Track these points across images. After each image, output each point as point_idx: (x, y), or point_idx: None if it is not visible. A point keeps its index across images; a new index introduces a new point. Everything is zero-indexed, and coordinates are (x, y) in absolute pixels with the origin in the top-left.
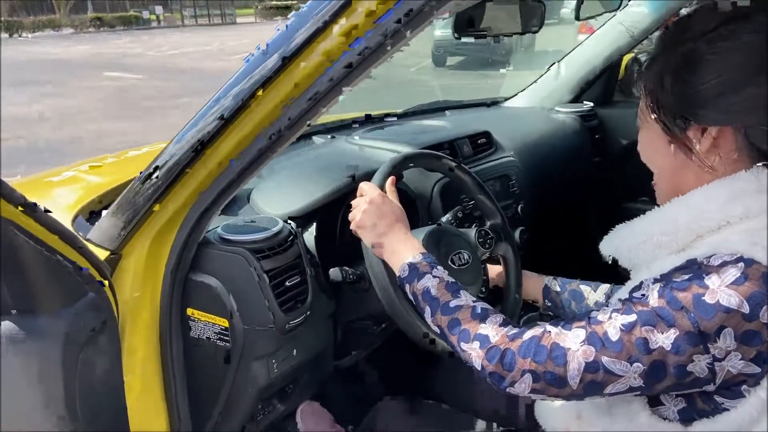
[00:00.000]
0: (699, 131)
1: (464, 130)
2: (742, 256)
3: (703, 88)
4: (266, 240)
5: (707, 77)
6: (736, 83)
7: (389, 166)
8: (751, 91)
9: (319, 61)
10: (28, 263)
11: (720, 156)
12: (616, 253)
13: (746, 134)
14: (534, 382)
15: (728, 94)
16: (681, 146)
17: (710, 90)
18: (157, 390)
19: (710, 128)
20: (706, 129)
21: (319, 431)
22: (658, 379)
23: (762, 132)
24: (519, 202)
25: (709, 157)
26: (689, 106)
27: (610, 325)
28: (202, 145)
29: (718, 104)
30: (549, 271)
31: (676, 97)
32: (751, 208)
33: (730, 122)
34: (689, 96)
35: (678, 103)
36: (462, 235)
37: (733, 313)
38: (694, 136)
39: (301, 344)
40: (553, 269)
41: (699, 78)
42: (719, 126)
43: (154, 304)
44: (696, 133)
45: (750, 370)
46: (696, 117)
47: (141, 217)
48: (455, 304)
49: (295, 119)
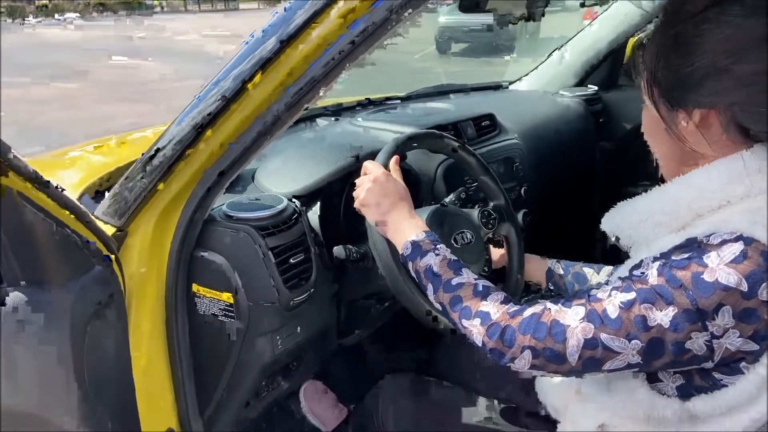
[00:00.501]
0: (687, 114)
1: (468, 113)
2: (742, 235)
3: (689, 71)
4: (271, 217)
5: (692, 60)
6: (720, 66)
7: (393, 145)
8: (736, 72)
9: (317, 43)
10: (37, 236)
11: (706, 138)
12: (617, 230)
13: (734, 115)
14: (534, 358)
15: (712, 77)
16: (672, 127)
17: (695, 73)
18: (162, 365)
19: (696, 111)
20: (693, 110)
21: (321, 410)
22: (657, 356)
23: (747, 112)
24: (522, 185)
25: (698, 139)
26: (676, 89)
27: (610, 302)
28: (203, 126)
29: (703, 87)
30: (551, 254)
31: (666, 80)
32: (752, 188)
33: (714, 104)
34: (677, 79)
35: (667, 86)
36: (465, 215)
37: (731, 291)
38: (683, 118)
39: (305, 321)
40: (556, 252)
41: (685, 60)
42: (705, 108)
43: (160, 281)
44: (684, 115)
45: (748, 347)
46: (682, 100)
47: (146, 195)
48: (457, 281)
49: (293, 101)
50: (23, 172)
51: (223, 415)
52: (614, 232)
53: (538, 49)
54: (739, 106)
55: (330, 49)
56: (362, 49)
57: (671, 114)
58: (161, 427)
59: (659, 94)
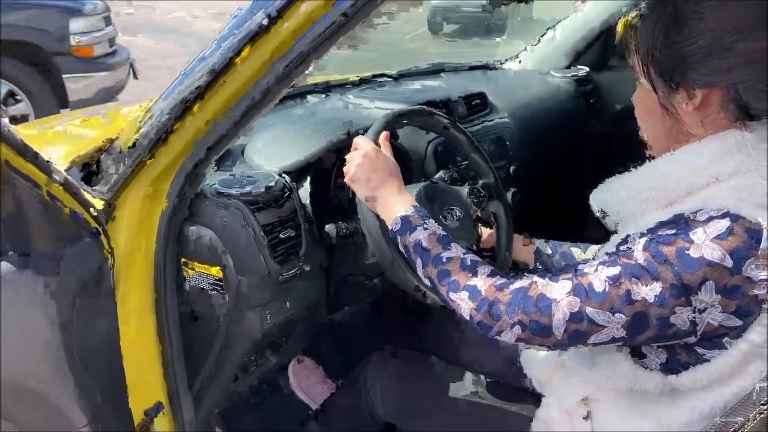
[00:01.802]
0: (687, 92)
1: (459, 91)
2: (729, 211)
3: (691, 49)
4: (261, 193)
5: (695, 37)
6: (723, 40)
7: (384, 121)
8: (739, 48)
9: (305, 17)
10: (25, 207)
11: (705, 116)
12: (605, 206)
13: (736, 93)
14: (521, 331)
15: (716, 54)
16: (669, 107)
17: (698, 50)
18: (151, 338)
19: (697, 90)
20: (695, 89)
21: (310, 385)
22: (640, 330)
23: (751, 90)
24: (512, 164)
25: (695, 117)
26: (678, 67)
27: (596, 277)
28: (191, 101)
29: (706, 64)
30: (540, 233)
31: (666, 58)
32: (741, 165)
33: (718, 83)
34: (678, 56)
35: (667, 63)
36: (455, 192)
37: (716, 267)
38: (682, 98)
39: (294, 296)
40: (545, 231)
41: (687, 37)
42: (707, 88)
43: (148, 254)
44: (684, 94)
45: (731, 323)
46: (684, 76)
47: (135, 169)
48: (446, 255)
49: (283, 75)
50: (12, 142)
51: (211, 388)
52: (602, 207)
53: (529, 31)
54: (743, 85)
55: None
56: (352, 23)
57: (669, 93)
58: (150, 400)
59: (657, 73)
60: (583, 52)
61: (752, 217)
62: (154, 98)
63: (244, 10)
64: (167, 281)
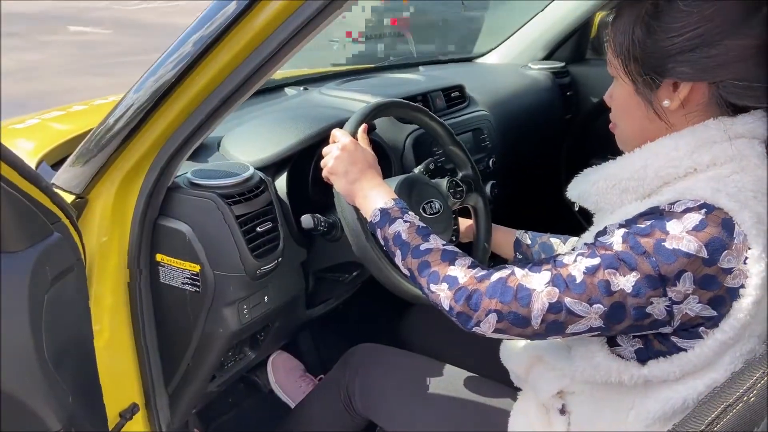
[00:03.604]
0: (671, 87)
1: (438, 84)
2: (705, 203)
3: (675, 45)
4: (237, 185)
5: (679, 33)
6: (711, 37)
7: (362, 113)
8: (727, 45)
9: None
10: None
11: (687, 111)
12: (582, 197)
13: (719, 89)
14: (498, 321)
15: (703, 48)
16: (650, 103)
17: (684, 43)
18: (125, 338)
19: (683, 84)
20: (678, 85)
21: (289, 382)
22: (618, 320)
23: (736, 87)
24: (491, 156)
25: (677, 112)
26: (661, 61)
27: (575, 267)
28: (164, 92)
29: (692, 58)
30: (519, 224)
31: (647, 52)
32: (718, 156)
33: (703, 78)
34: (661, 52)
35: (649, 58)
36: (434, 184)
37: (692, 258)
38: (664, 94)
39: (272, 291)
40: (523, 222)
41: (671, 33)
42: (692, 82)
43: (122, 250)
44: (668, 88)
45: (707, 313)
46: (668, 72)
47: (106, 162)
48: (425, 247)
49: (258, 66)
50: None
51: (188, 388)
52: (580, 198)
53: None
54: (726, 81)
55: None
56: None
57: (651, 89)
58: (125, 402)
59: (638, 69)
60: (559, 45)
61: (728, 208)
62: (126, 91)
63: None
64: (141, 278)
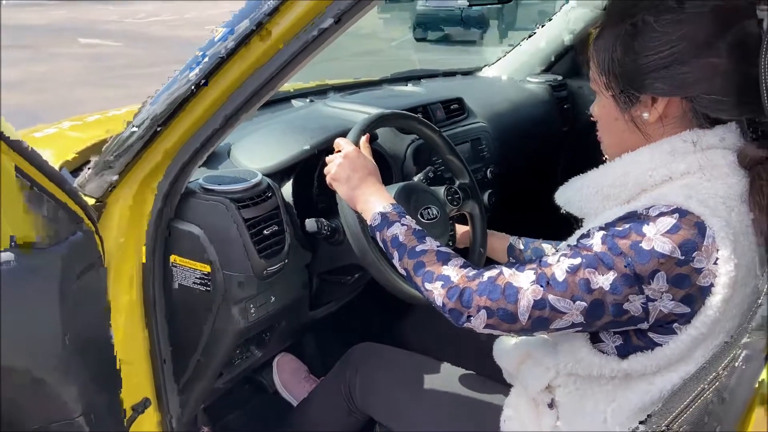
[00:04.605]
0: (648, 102)
1: (438, 96)
2: (678, 208)
3: (653, 60)
4: (246, 190)
5: (656, 48)
6: (685, 54)
7: (364, 123)
8: (697, 63)
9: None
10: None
11: (664, 124)
12: (568, 203)
13: (694, 103)
14: (488, 317)
15: (676, 65)
16: (630, 116)
17: (659, 61)
18: (139, 335)
19: (660, 99)
20: (656, 100)
21: (294, 383)
22: (598, 316)
23: (709, 101)
24: (489, 166)
25: (655, 125)
26: (639, 77)
27: (558, 267)
28: (178, 105)
29: (667, 75)
30: (515, 232)
31: (626, 69)
32: (692, 165)
33: (679, 93)
34: (639, 67)
35: (628, 75)
36: (432, 192)
37: (666, 259)
38: (642, 108)
39: (278, 291)
40: (519, 230)
41: (648, 49)
42: (668, 97)
43: (138, 252)
44: (645, 103)
45: (680, 310)
46: (645, 88)
47: (124, 169)
48: (420, 248)
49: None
50: (10, 142)
51: (197, 384)
52: (566, 204)
53: (513, 39)
54: (700, 96)
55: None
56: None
57: (629, 103)
58: (137, 396)
59: (617, 84)
60: (557, 60)
61: (699, 212)
62: (142, 103)
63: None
64: (156, 277)
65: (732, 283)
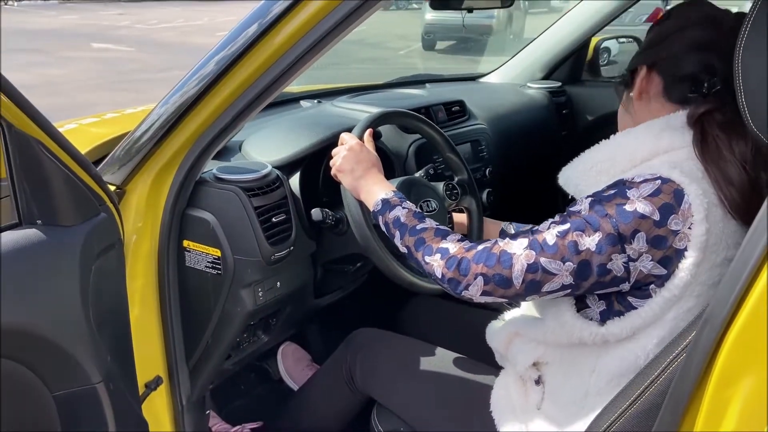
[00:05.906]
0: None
1: (440, 98)
2: (660, 176)
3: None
4: (256, 180)
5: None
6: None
7: (368, 120)
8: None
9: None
10: (52, 181)
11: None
12: (567, 182)
13: (659, 77)
14: (485, 284)
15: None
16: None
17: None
18: (153, 315)
19: (640, 70)
20: (640, 69)
21: (297, 370)
22: (585, 277)
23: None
24: (487, 166)
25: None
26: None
27: (549, 233)
28: (192, 102)
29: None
30: None
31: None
32: (675, 142)
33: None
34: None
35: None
36: (432, 186)
37: (646, 219)
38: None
39: (284, 277)
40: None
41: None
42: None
43: (154, 236)
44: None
45: (658, 271)
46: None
47: (143, 159)
48: (420, 227)
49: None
50: (43, 125)
51: (207, 364)
52: (566, 184)
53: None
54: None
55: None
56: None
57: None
58: (150, 374)
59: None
60: (557, 66)
61: (680, 180)
62: (158, 102)
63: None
64: (170, 261)
65: (703, 246)
